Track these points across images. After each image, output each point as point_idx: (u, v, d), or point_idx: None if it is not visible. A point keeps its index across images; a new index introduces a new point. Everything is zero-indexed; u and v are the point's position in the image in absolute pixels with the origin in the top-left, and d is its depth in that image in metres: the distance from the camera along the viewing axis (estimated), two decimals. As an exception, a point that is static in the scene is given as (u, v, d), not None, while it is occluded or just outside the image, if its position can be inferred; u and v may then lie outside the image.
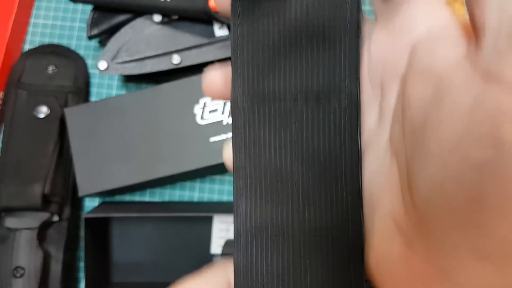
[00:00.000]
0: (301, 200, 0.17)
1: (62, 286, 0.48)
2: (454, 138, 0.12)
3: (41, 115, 0.50)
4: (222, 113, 0.47)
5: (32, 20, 0.58)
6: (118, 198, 0.54)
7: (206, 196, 0.54)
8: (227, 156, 0.20)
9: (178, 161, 0.47)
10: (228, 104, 0.47)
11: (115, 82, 0.57)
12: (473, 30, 0.13)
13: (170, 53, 0.51)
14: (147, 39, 0.52)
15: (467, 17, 0.14)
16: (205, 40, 0.52)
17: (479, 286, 0.13)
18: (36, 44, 0.57)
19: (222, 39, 0.52)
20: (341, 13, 0.16)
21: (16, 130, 0.50)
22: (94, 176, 0.48)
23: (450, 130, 0.13)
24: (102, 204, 0.51)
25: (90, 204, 0.54)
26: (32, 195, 0.47)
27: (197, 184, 0.54)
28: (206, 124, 0.47)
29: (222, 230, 0.51)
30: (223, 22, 0.50)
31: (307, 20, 0.17)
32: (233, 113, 0.18)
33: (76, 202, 0.53)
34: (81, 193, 0.48)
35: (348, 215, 0.16)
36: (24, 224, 0.47)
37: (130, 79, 0.56)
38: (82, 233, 0.53)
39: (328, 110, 0.17)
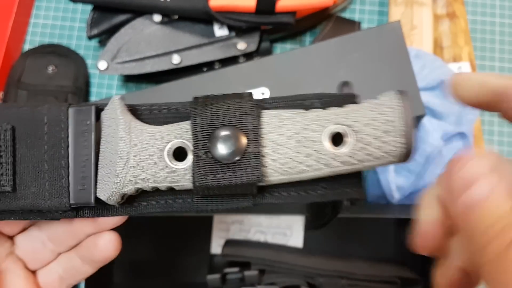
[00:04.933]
0: None
1: (62, 286, 0.48)
2: None
3: (41, 115, 0.50)
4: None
5: (32, 20, 0.58)
6: (118, 198, 0.54)
7: (206, 196, 0.54)
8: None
9: (178, 161, 0.47)
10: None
11: (115, 82, 0.57)
12: None
13: (170, 53, 0.51)
14: (147, 39, 0.52)
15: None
16: (205, 40, 0.52)
17: None
18: (36, 44, 0.57)
19: (222, 39, 0.52)
20: None
21: (16, 130, 0.50)
22: (94, 176, 0.48)
23: None
24: (102, 204, 0.51)
25: (90, 204, 0.54)
26: (32, 195, 0.47)
27: (197, 184, 0.54)
28: (206, 124, 0.47)
29: (222, 230, 0.51)
30: (222, 22, 0.50)
31: None
32: None
33: (76, 202, 0.53)
34: (81, 193, 0.48)
35: None
36: (24, 224, 0.47)
37: (130, 79, 0.56)
38: (82, 233, 0.53)
39: None
